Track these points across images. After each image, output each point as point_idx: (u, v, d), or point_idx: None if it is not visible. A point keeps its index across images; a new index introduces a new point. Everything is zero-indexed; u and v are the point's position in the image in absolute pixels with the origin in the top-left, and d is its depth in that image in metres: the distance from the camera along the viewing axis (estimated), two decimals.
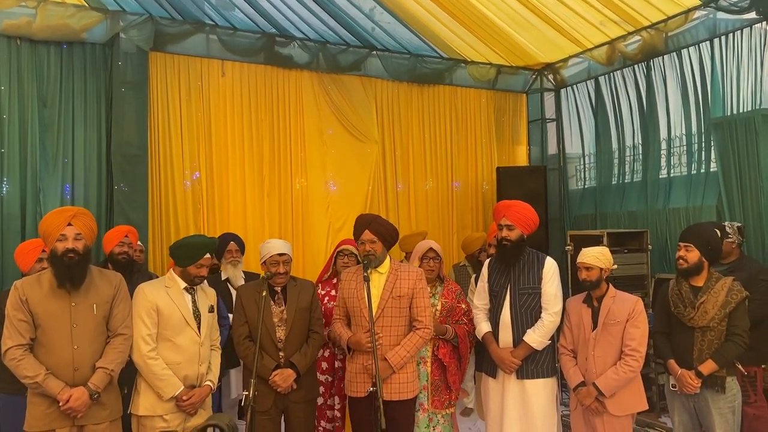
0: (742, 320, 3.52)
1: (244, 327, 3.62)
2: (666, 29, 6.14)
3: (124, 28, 5.51)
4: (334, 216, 6.57)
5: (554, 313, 3.68)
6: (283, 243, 3.78)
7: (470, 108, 7.63)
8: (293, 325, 3.65)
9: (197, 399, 3.39)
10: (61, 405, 3.00)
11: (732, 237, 4.59)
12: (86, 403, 3.06)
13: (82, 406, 3.04)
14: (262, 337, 3.52)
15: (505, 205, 3.88)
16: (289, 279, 3.75)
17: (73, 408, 3.02)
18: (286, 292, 3.71)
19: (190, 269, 3.48)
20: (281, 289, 3.71)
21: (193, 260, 3.47)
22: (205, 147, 6.03)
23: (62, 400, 3.00)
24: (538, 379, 3.71)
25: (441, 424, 3.93)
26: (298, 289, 3.75)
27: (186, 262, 3.48)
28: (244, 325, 3.62)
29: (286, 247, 3.75)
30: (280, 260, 3.66)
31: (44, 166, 5.32)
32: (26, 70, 5.29)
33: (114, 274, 3.39)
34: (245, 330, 3.60)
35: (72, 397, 3.01)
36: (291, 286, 3.74)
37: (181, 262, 3.50)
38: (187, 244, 3.55)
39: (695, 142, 6.12)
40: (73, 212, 3.19)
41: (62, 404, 3.00)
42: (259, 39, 6.26)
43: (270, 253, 3.67)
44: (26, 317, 3.05)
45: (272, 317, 3.63)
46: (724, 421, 3.50)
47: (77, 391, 3.04)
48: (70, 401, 3.01)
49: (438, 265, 4.05)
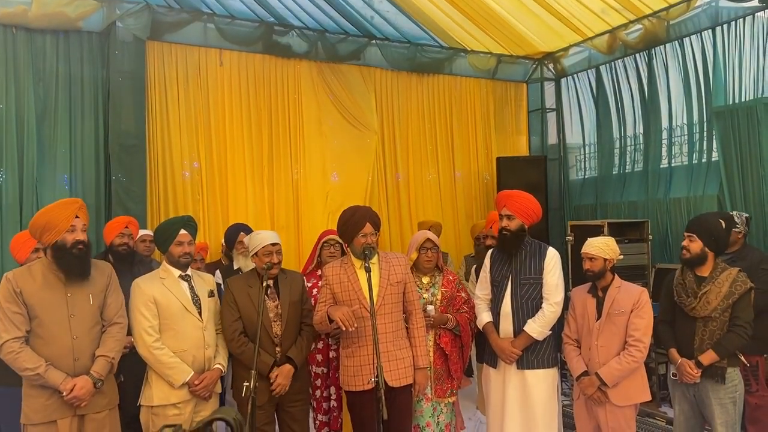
0: (746, 311, 3.50)
1: (238, 323, 3.55)
2: (668, 17, 6.11)
3: (120, 16, 5.46)
4: (333, 206, 6.53)
5: (555, 303, 3.66)
6: (273, 233, 3.75)
7: (470, 98, 7.60)
8: (288, 319, 3.63)
9: (209, 381, 3.41)
10: (66, 395, 2.99)
11: (740, 227, 4.58)
12: (90, 392, 3.06)
13: (86, 394, 3.04)
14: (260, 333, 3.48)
15: (506, 194, 3.86)
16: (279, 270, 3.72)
17: (78, 397, 3.02)
18: (278, 286, 3.67)
19: (172, 250, 3.49)
20: (273, 282, 3.67)
21: (170, 240, 3.48)
22: (203, 137, 6.00)
23: (66, 390, 2.99)
24: (538, 369, 3.69)
25: (444, 412, 3.92)
26: (289, 282, 3.71)
27: (165, 244, 3.50)
28: (238, 320, 3.55)
29: (277, 237, 3.73)
30: (273, 250, 3.62)
31: (41, 157, 5.28)
32: (22, 59, 5.24)
33: (104, 264, 3.39)
34: (239, 326, 3.54)
35: (76, 386, 3.01)
36: (282, 279, 3.70)
37: (162, 247, 3.53)
38: (160, 227, 3.60)
39: (696, 132, 6.10)
40: (79, 204, 3.20)
41: (66, 394, 2.99)
42: (258, 28, 6.21)
43: (262, 243, 3.62)
44: (21, 309, 3.02)
45: (268, 312, 3.59)
46: (724, 412, 3.49)
47: (81, 380, 3.04)
48: (74, 390, 3.00)
49: (436, 255, 4.03)
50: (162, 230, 3.55)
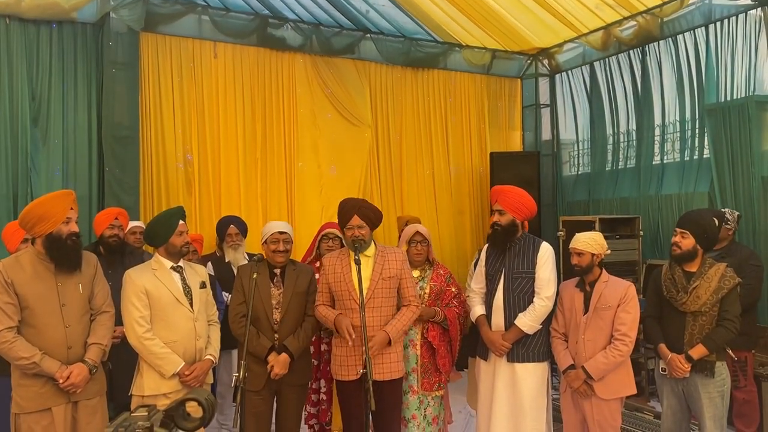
0: (734, 306, 3.54)
1: (241, 306, 3.62)
2: (661, 14, 6.13)
3: (114, 7, 5.45)
4: (327, 199, 6.55)
5: (546, 297, 3.68)
6: (284, 223, 3.83)
7: (465, 92, 7.60)
8: (288, 308, 3.67)
9: (200, 372, 3.44)
10: (62, 382, 3.03)
11: (731, 225, 4.63)
12: (86, 379, 3.11)
13: (83, 381, 3.09)
14: (260, 317, 3.60)
15: (498, 190, 3.87)
16: (288, 261, 3.77)
17: (75, 384, 3.06)
18: (285, 275, 3.73)
19: (173, 241, 3.48)
20: (280, 271, 3.73)
21: (170, 231, 3.47)
22: (197, 129, 5.99)
23: (62, 377, 3.03)
24: (528, 363, 3.71)
25: (431, 405, 3.95)
26: (297, 273, 3.76)
27: (165, 236, 3.48)
28: (242, 304, 3.63)
29: (287, 227, 3.79)
30: (280, 238, 3.69)
31: (34, 147, 5.27)
32: (15, 49, 5.23)
33: (89, 254, 3.40)
34: (242, 309, 3.61)
35: (73, 373, 3.05)
36: (290, 269, 3.76)
37: (160, 240, 3.50)
38: (157, 220, 3.59)
39: (689, 129, 6.13)
40: (73, 196, 3.23)
41: (63, 381, 3.03)
42: (252, 20, 6.20)
43: (270, 231, 3.71)
44: (13, 299, 3.03)
45: (271, 299, 3.65)
46: (713, 406, 3.52)
47: (77, 368, 3.08)
48: (71, 378, 3.04)
49: (425, 249, 4.06)
50: (160, 223, 3.53)
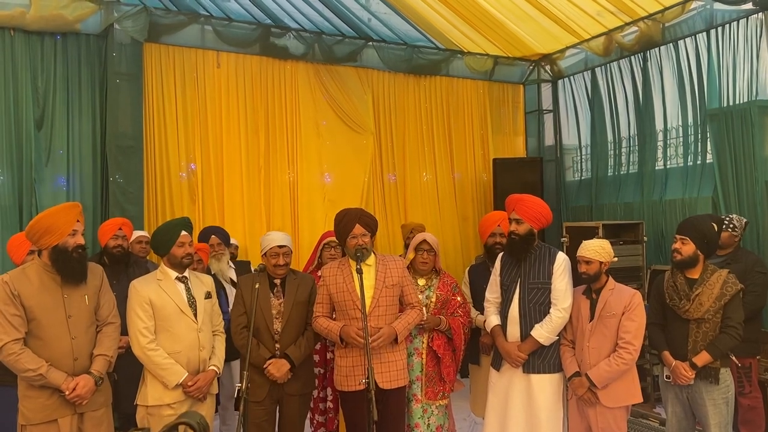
0: (737, 312, 3.52)
1: (243, 317, 3.64)
2: (663, 20, 6.13)
3: (118, 18, 5.50)
4: (330, 207, 6.55)
5: (563, 308, 3.64)
6: (283, 235, 3.81)
7: (467, 99, 7.62)
8: (289, 317, 3.68)
9: (203, 383, 3.44)
10: (68, 394, 3.04)
11: (737, 231, 4.60)
12: (92, 390, 3.12)
13: (88, 393, 3.10)
14: (260, 328, 3.61)
15: (516, 198, 3.83)
16: (288, 271, 3.77)
17: (81, 395, 3.07)
18: (285, 285, 3.74)
19: (174, 252, 3.50)
20: (281, 282, 3.74)
21: (171, 241, 3.49)
22: (200, 138, 6.03)
23: (68, 389, 3.04)
24: (544, 374, 3.67)
25: (435, 414, 3.94)
26: (297, 283, 3.77)
27: (166, 246, 3.50)
28: (243, 315, 3.65)
29: (286, 239, 3.78)
30: (280, 252, 3.69)
31: (39, 158, 5.31)
32: (20, 61, 5.28)
33: (95, 265, 3.42)
34: (244, 320, 3.63)
35: (79, 385, 3.06)
36: (291, 279, 3.77)
37: (163, 250, 3.52)
38: (159, 230, 3.61)
39: (691, 134, 6.12)
40: (80, 208, 3.25)
41: (69, 393, 3.04)
42: (255, 30, 6.24)
43: (270, 245, 3.71)
44: (19, 311, 3.04)
45: (271, 309, 3.66)
46: (717, 412, 3.51)
47: (83, 379, 3.09)
48: (77, 389, 3.05)
49: (432, 258, 4.03)
50: (162, 233, 3.56)
